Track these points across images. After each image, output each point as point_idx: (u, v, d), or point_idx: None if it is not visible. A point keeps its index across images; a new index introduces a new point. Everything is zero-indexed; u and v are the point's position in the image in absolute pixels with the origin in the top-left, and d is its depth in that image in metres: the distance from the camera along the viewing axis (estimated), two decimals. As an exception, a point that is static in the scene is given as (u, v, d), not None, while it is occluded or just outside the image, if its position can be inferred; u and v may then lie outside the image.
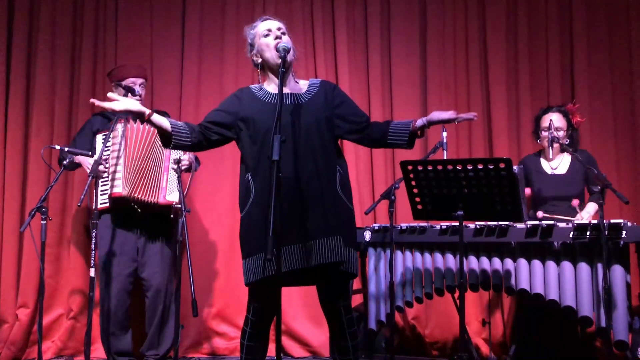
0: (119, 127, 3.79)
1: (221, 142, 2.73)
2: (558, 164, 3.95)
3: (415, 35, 4.74)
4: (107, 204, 3.73)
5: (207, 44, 4.73)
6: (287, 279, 2.51)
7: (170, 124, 2.61)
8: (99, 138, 3.82)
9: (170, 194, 3.76)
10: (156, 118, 2.59)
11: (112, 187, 3.70)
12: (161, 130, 2.62)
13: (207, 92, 4.66)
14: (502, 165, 2.84)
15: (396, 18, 4.75)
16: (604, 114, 4.60)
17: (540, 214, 3.80)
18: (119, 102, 2.56)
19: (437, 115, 2.68)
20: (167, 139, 2.62)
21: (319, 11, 4.69)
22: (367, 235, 3.83)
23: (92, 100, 2.61)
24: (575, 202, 3.76)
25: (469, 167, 2.88)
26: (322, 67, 4.63)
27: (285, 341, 4.37)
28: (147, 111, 2.57)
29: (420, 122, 2.68)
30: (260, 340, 2.65)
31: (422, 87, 4.71)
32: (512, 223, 3.45)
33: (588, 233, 3.31)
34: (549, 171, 3.95)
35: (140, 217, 3.82)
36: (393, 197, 3.61)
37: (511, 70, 4.69)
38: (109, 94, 2.65)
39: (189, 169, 3.77)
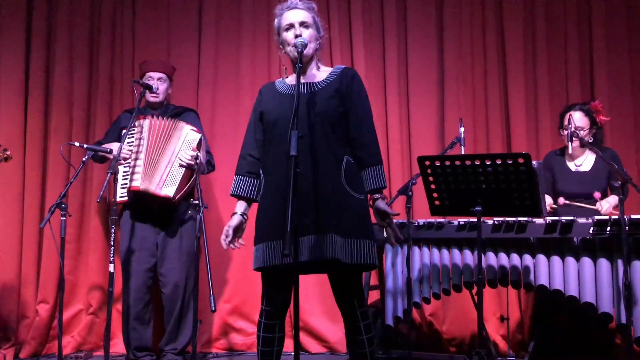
0: (144, 122, 3.82)
1: None
2: (582, 161, 3.92)
3: (432, 28, 4.72)
4: (126, 198, 3.75)
5: (224, 38, 4.74)
6: (293, 268, 2.52)
7: (247, 198, 2.69)
8: (124, 132, 3.85)
9: (167, 187, 3.72)
10: (239, 209, 2.70)
11: (131, 180, 3.73)
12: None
13: (224, 87, 4.69)
14: (521, 161, 2.82)
15: (412, 10, 4.72)
16: (624, 111, 4.54)
17: (561, 200, 3.77)
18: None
19: (383, 207, 2.60)
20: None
21: (335, 4, 4.69)
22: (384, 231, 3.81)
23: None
24: (597, 195, 3.74)
25: (488, 163, 2.86)
26: (338, 60, 4.63)
27: (302, 337, 4.38)
28: (240, 216, 2.69)
29: (375, 197, 2.61)
30: (275, 331, 2.64)
31: (439, 81, 4.68)
32: (531, 219, 3.42)
33: (608, 228, 3.28)
34: (572, 168, 3.92)
35: (159, 213, 3.84)
36: (410, 193, 3.59)
37: (529, 64, 4.65)
38: None
39: (191, 167, 3.71)
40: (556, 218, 3.41)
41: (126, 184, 3.74)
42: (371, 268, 2.64)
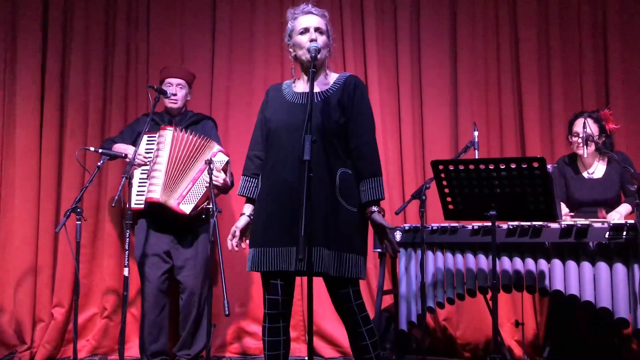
0: (166, 133, 3.82)
1: None
2: (594, 169, 3.89)
3: (445, 34, 4.71)
4: (142, 206, 3.76)
5: (237, 42, 4.75)
6: (285, 272, 2.56)
7: (253, 199, 2.74)
8: (145, 138, 3.86)
9: (185, 204, 3.75)
10: (247, 210, 2.76)
11: (149, 191, 3.74)
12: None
13: (237, 91, 4.70)
14: (535, 165, 2.80)
15: (426, 16, 4.72)
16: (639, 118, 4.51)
17: (566, 214, 3.75)
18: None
19: (379, 220, 2.58)
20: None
21: (347, 8, 4.69)
22: (398, 235, 3.81)
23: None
24: (602, 214, 3.71)
25: (502, 167, 2.85)
26: (352, 66, 4.63)
27: (315, 341, 4.36)
28: (247, 217, 2.74)
29: (372, 210, 2.58)
30: (279, 335, 2.64)
31: (452, 85, 4.67)
32: (546, 223, 3.40)
33: (624, 233, 3.25)
34: (585, 175, 3.90)
35: (173, 220, 3.86)
36: (424, 197, 3.58)
37: (543, 69, 4.63)
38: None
39: (217, 187, 3.71)
40: (572, 222, 3.38)
41: (142, 191, 3.76)
42: (357, 281, 2.62)
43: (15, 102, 4.52)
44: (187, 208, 3.74)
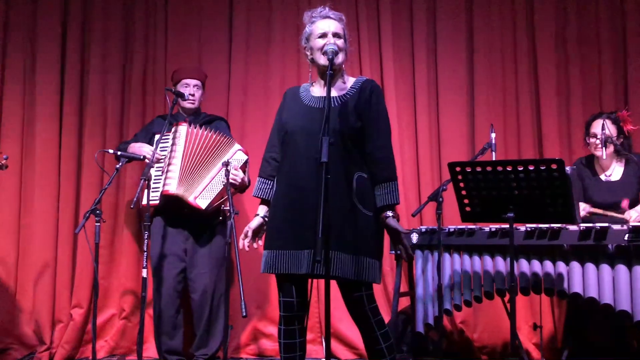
0: (180, 128, 3.86)
1: None
2: (612, 171, 3.86)
3: (462, 34, 4.69)
4: (157, 201, 3.78)
5: (254, 45, 4.77)
6: (298, 275, 2.57)
7: (268, 201, 2.74)
8: (160, 138, 3.90)
9: (201, 199, 3.77)
10: (261, 211, 2.76)
11: (164, 184, 3.77)
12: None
13: (254, 92, 4.72)
14: (554, 167, 2.79)
15: (442, 19, 4.70)
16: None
17: (587, 208, 3.72)
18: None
19: (394, 224, 2.58)
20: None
21: (363, 10, 4.69)
22: (414, 237, 3.80)
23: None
24: (625, 203, 3.68)
25: (520, 169, 2.83)
26: (367, 68, 4.63)
27: (332, 343, 4.36)
28: (261, 218, 2.75)
29: (386, 215, 2.59)
30: (295, 337, 2.65)
31: (469, 86, 4.65)
32: (564, 225, 3.38)
33: (644, 235, 3.22)
34: (602, 177, 3.87)
35: (189, 219, 3.89)
36: (440, 199, 3.58)
37: (561, 69, 4.60)
38: None
39: (234, 186, 3.74)
40: (590, 225, 3.36)
41: (158, 188, 3.79)
42: (370, 285, 2.62)
43: (35, 104, 4.57)
44: (203, 203, 3.76)
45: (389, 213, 2.59)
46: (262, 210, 2.76)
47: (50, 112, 4.57)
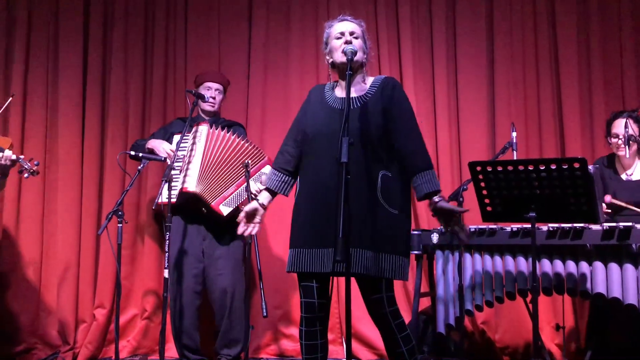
0: (202, 128, 3.89)
1: None
2: (633, 170, 3.82)
3: (482, 32, 4.67)
4: (176, 199, 3.79)
5: (273, 51, 4.79)
6: (320, 274, 2.57)
7: (272, 191, 2.77)
8: (177, 138, 3.92)
9: (225, 206, 3.80)
10: (261, 197, 2.77)
11: (183, 182, 3.80)
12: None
13: (273, 98, 4.74)
14: (576, 165, 2.76)
15: (462, 15, 4.69)
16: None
17: (607, 198, 3.68)
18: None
19: (447, 206, 2.55)
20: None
21: (382, 9, 4.69)
22: (435, 237, 3.78)
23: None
24: None
25: (542, 168, 2.81)
26: (387, 66, 4.63)
27: (353, 344, 4.36)
28: (258, 204, 2.75)
29: (435, 200, 2.56)
30: (317, 338, 2.65)
31: (489, 85, 4.63)
32: (587, 225, 3.34)
33: (669, 235, 3.18)
34: (623, 177, 3.82)
35: (207, 219, 3.91)
36: (461, 199, 3.55)
37: (583, 67, 4.55)
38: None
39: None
40: (614, 224, 3.32)
41: (176, 186, 3.82)
42: (391, 287, 2.62)
43: (58, 108, 4.63)
44: (225, 210, 3.79)
45: (437, 198, 2.57)
46: (263, 197, 2.77)
47: (73, 115, 4.63)
